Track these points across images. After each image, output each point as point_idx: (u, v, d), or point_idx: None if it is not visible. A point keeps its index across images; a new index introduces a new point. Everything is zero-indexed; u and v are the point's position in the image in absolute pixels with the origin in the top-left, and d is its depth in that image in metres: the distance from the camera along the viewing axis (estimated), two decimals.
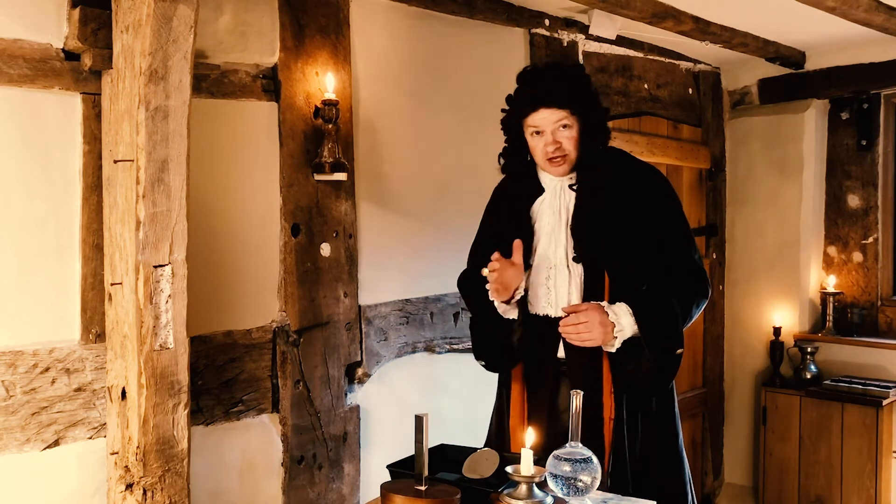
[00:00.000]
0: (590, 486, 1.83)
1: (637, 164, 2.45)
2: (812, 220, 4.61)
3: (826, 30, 3.94)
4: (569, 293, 2.29)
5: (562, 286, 2.30)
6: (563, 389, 2.32)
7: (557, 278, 2.30)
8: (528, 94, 2.31)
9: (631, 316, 2.20)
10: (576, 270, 2.29)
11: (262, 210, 2.68)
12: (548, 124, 2.28)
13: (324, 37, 2.81)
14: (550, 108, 2.26)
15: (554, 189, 2.38)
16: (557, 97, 2.26)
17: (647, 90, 4.26)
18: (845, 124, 4.54)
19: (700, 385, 4.71)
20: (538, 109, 2.27)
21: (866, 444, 4.11)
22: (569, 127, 2.28)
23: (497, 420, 2.48)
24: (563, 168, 2.32)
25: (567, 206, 2.34)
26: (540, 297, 2.33)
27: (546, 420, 2.31)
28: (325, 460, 2.83)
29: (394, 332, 3.09)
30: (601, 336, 2.19)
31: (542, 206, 2.39)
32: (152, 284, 2.09)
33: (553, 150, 2.28)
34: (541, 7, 3.55)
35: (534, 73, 2.36)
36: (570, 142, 2.29)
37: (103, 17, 2.16)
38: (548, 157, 2.30)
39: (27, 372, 2.16)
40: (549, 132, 2.28)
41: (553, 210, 2.36)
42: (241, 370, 2.62)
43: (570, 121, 2.28)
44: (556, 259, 2.31)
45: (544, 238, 2.35)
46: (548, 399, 2.33)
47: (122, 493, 2.14)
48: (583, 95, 2.31)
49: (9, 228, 2.15)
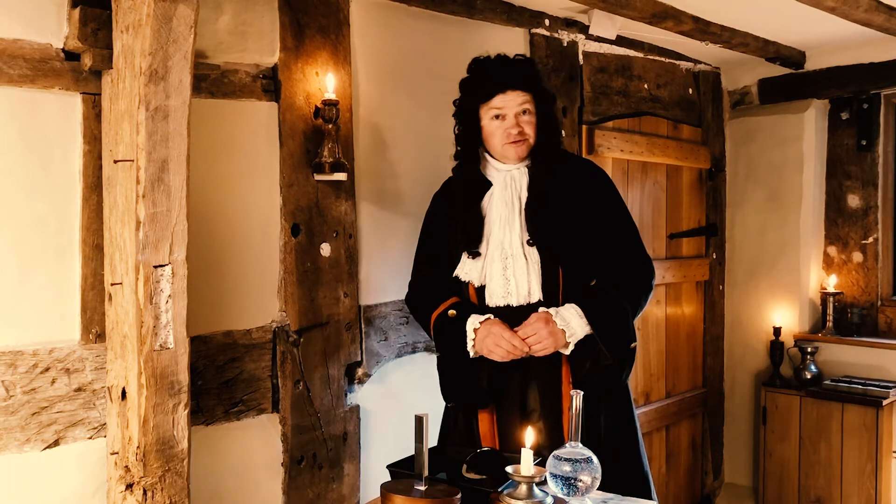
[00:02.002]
0: (590, 486, 1.83)
1: (581, 159, 2.57)
2: (812, 220, 4.61)
3: (826, 30, 3.94)
4: (528, 281, 2.31)
5: (521, 275, 2.32)
6: (531, 391, 2.36)
7: (516, 267, 2.33)
8: (492, 78, 2.37)
9: (581, 318, 2.25)
10: (532, 257, 2.32)
11: (262, 210, 2.68)
12: (512, 106, 2.34)
13: (324, 37, 2.81)
14: (516, 91, 2.33)
15: (503, 181, 2.41)
16: (522, 80, 2.35)
17: (647, 90, 4.26)
18: (845, 124, 4.54)
19: (700, 385, 4.71)
20: (505, 91, 2.33)
21: (866, 444, 4.11)
22: (529, 112, 2.36)
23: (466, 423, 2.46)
24: (523, 149, 2.37)
25: (519, 194, 2.38)
26: (498, 288, 2.35)
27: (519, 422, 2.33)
28: (325, 460, 2.83)
29: (394, 332, 3.09)
30: (553, 343, 2.25)
31: (492, 198, 2.42)
32: (152, 284, 2.09)
33: (517, 133, 2.34)
34: (541, 7, 3.55)
35: (491, 60, 2.42)
36: (530, 126, 2.36)
37: (103, 17, 2.16)
38: (511, 140, 2.35)
39: (27, 372, 2.16)
40: (512, 115, 2.34)
41: (504, 200, 2.39)
42: (241, 370, 2.62)
43: (531, 106, 2.36)
44: (512, 248, 2.34)
45: (496, 228, 2.37)
46: (517, 402, 2.36)
47: (122, 493, 2.14)
48: (540, 83, 2.42)
49: (9, 228, 2.15)
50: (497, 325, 2.28)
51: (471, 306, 2.40)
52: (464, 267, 2.42)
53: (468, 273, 2.40)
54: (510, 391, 2.37)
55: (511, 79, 2.34)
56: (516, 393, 2.37)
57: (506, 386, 2.37)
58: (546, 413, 2.32)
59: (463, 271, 2.42)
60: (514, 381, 2.36)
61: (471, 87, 2.42)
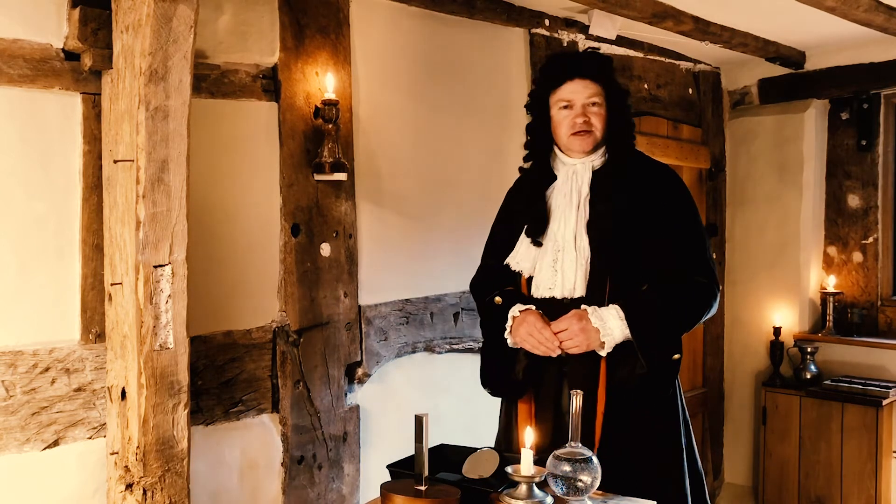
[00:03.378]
0: (590, 486, 1.83)
1: (657, 163, 2.45)
2: (812, 220, 4.61)
3: (826, 30, 3.94)
4: (575, 275, 2.26)
5: (569, 268, 2.27)
6: (565, 389, 2.30)
7: (565, 260, 2.28)
8: (561, 66, 2.32)
9: (621, 320, 2.17)
10: (582, 252, 2.26)
11: (262, 210, 2.68)
12: (580, 97, 2.29)
13: (324, 37, 2.81)
14: (584, 80, 2.28)
15: (566, 174, 2.36)
16: (591, 69, 2.29)
17: (647, 90, 4.26)
18: (845, 124, 4.54)
19: (700, 385, 4.71)
20: (573, 79, 2.28)
21: (866, 444, 4.11)
22: (598, 105, 2.30)
23: (505, 419, 2.47)
24: (588, 142, 2.30)
25: (580, 188, 2.32)
26: (546, 280, 2.30)
27: (552, 420, 2.30)
28: (325, 460, 2.83)
29: (394, 332, 3.09)
30: (586, 341, 2.18)
31: (554, 191, 2.37)
32: (152, 284, 2.09)
33: (582, 122, 2.28)
34: (541, 7, 3.55)
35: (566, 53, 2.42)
36: (598, 118, 2.30)
37: (103, 17, 2.16)
38: (575, 131, 2.29)
39: (27, 372, 2.16)
40: (580, 105, 2.29)
41: (564, 193, 2.34)
42: (241, 370, 2.62)
43: (599, 99, 2.30)
44: (564, 241, 2.29)
45: (553, 219, 2.33)
46: (552, 399, 2.32)
47: (121, 493, 2.14)
48: (614, 79, 2.36)
49: (9, 228, 2.15)
50: (533, 315, 2.24)
51: (520, 297, 2.36)
52: (515, 256, 2.37)
53: (519, 263, 2.36)
54: (545, 385, 2.33)
55: (581, 68, 2.29)
56: (551, 388, 2.32)
57: (541, 382, 2.34)
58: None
59: (514, 260, 2.37)
60: (550, 377, 2.32)
61: (542, 76, 2.39)
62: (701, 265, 2.30)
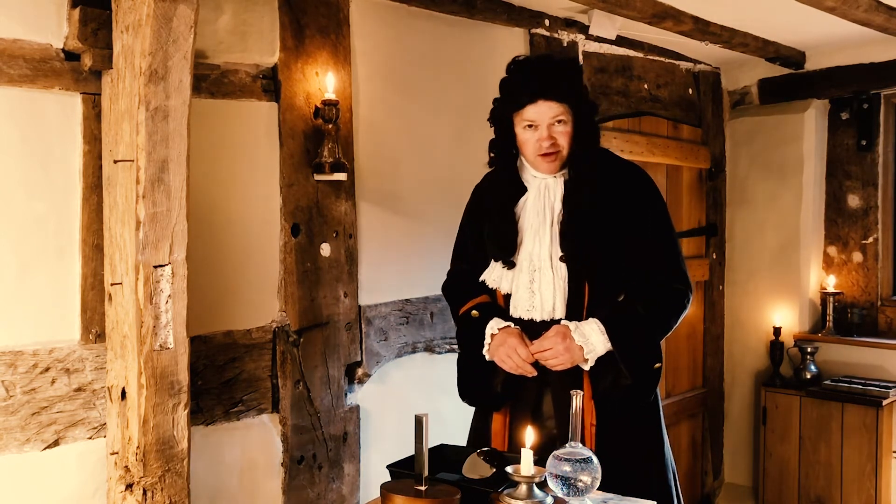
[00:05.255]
0: (590, 486, 1.83)
1: (625, 164, 2.40)
2: (812, 220, 4.61)
3: (826, 30, 3.94)
4: (553, 297, 2.25)
5: (546, 290, 2.25)
6: (546, 397, 2.31)
7: (542, 281, 2.26)
8: (525, 86, 2.22)
9: (602, 334, 2.17)
10: (559, 272, 2.24)
11: (262, 210, 2.68)
12: (544, 118, 2.21)
13: (324, 37, 2.81)
14: (549, 102, 2.20)
15: (538, 188, 2.31)
16: (557, 90, 2.20)
17: (647, 90, 4.26)
18: (845, 124, 4.54)
19: (700, 385, 4.71)
20: (536, 102, 2.20)
21: (866, 444, 4.11)
22: (564, 122, 2.23)
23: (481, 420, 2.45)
24: (555, 164, 2.26)
25: (552, 205, 2.29)
26: (523, 301, 2.29)
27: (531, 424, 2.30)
28: (325, 460, 2.83)
29: (394, 332, 3.09)
30: (570, 358, 2.18)
31: (526, 205, 2.32)
32: (152, 284, 2.09)
33: (548, 146, 2.22)
34: (541, 7, 3.55)
35: (530, 64, 2.28)
36: (564, 137, 2.23)
37: (103, 17, 2.16)
38: (541, 153, 2.24)
39: (27, 372, 2.16)
40: (545, 126, 2.22)
41: (537, 210, 2.30)
42: (241, 370, 2.62)
43: (566, 116, 2.22)
44: (540, 261, 2.26)
45: (527, 239, 2.29)
46: (532, 405, 2.32)
47: (122, 493, 2.14)
48: (579, 91, 2.28)
49: (9, 228, 2.15)
50: (513, 337, 2.23)
51: (496, 309, 2.35)
52: (492, 273, 2.35)
53: (496, 280, 2.34)
54: (524, 396, 2.33)
55: (544, 89, 2.19)
56: (531, 398, 2.32)
57: (520, 391, 2.33)
58: (561, 421, 2.25)
59: (491, 278, 2.35)
60: (530, 388, 2.31)
61: (504, 93, 2.30)
62: (675, 270, 2.30)
